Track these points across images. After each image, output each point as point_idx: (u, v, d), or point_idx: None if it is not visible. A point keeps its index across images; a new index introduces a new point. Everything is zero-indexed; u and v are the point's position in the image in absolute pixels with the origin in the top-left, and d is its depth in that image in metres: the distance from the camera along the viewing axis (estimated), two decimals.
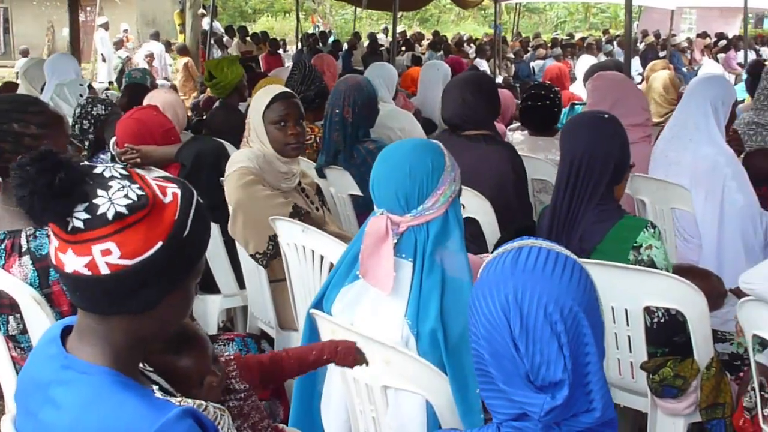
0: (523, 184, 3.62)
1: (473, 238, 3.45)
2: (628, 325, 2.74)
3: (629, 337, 2.76)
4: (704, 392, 2.68)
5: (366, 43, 17.17)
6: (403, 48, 16.69)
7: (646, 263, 2.71)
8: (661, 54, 16.94)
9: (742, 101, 7.05)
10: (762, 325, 2.41)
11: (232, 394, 1.80)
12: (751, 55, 18.29)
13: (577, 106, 5.39)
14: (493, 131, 3.72)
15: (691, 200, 3.65)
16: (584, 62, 8.63)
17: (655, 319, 2.73)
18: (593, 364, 1.41)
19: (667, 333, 2.74)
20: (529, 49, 17.60)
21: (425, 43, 19.14)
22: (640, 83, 8.40)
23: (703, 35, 21.90)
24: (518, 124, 4.76)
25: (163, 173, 3.79)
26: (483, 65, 13.59)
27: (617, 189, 2.86)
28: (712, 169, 3.59)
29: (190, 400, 1.50)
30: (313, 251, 2.89)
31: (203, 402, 1.50)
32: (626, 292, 2.70)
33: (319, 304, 2.20)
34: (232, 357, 1.93)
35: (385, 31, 21.83)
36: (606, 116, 2.90)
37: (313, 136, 4.40)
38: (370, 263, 1.99)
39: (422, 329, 1.96)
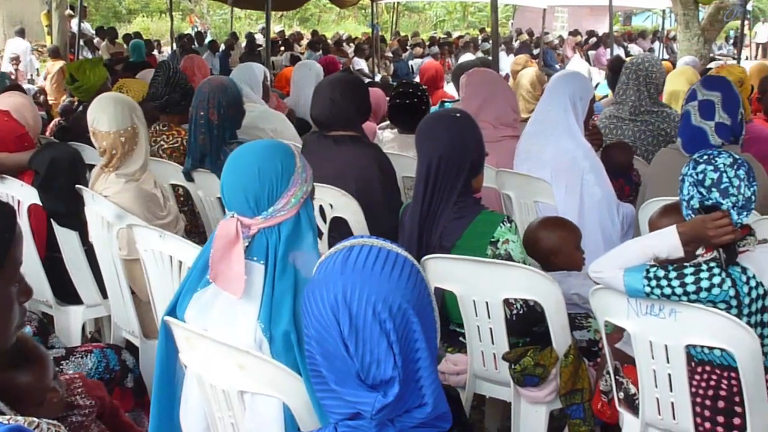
0: (390, 182, 3.65)
1: (342, 237, 3.45)
2: (489, 317, 2.80)
3: (491, 329, 2.82)
4: (563, 379, 2.76)
5: (244, 43, 16.98)
6: (282, 48, 16.60)
7: (503, 257, 2.78)
8: (535, 51, 17.44)
9: (606, 96, 7.33)
10: (613, 312, 2.50)
11: (76, 410, 1.74)
12: (620, 52, 19.10)
13: (446, 103, 5.47)
14: (361, 133, 3.73)
15: (553, 193, 3.75)
16: (462, 59, 8.76)
17: (515, 311, 2.80)
18: (424, 359, 1.42)
19: (526, 323, 2.82)
20: (408, 47, 17.81)
21: (304, 42, 19.08)
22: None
23: (575, 33, 22.67)
24: (388, 122, 4.79)
25: (16, 181, 3.63)
26: (361, 64, 13.66)
27: (475, 181, 2.92)
28: (571, 163, 3.71)
29: (20, 418, 1.44)
30: (171, 257, 2.83)
31: (35, 419, 1.44)
32: (486, 286, 2.76)
33: (173, 311, 2.15)
34: (77, 375, 1.86)
35: (263, 30, 21.65)
36: (458, 114, 2.95)
37: (180, 139, 4.32)
38: (221, 267, 1.96)
39: (275, 332, 1.94)
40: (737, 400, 2.35)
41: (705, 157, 2.41)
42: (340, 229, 3.55)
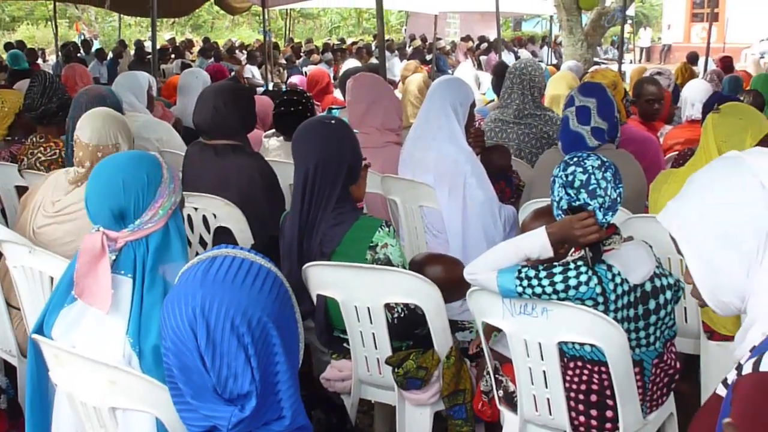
0: (273, 191, 3.63)
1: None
2: (371, 322, 2.82)
3: (373, 334, 2.84)
4: (445, 380, 2.81)
5: (133, 51, 16.61)
6: (173, 55, 16.31)
7: (382, 261, 2.81)
8: (428, 57, 17.66)
9: (493, 101, 7.48)
10: (489, 313, 2.56)
11: None
12: (511, 57, 19.54)
13: (334, 110, 5.48)
14: (244, 142, 3.70)
15: (437, 198, 3.81)
16: (348, 66, 8.79)
17: (396, 314, 2.83)
18: (283, 373, 1.42)
19: (407, 326, 2.85)
20: (302, 54, 17.76)
21: (196, 50, 18.80)
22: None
23: (466, 39, 23.08)
24: (274, 130, 4.77)
25: None
26: (254, 71, 13.54)
27: (354, 189, 2.94)
28: (453, 167, 3.76)
29: None
30: (41, 272, 2.74)
31: None
32: (367, 291, 2.78)
33: (40, 328, 2.08)
34: None
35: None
36: (332, 121, 2.97)
37: (57, 151, 4.18)
38: (86, 282, 1.91)
39: (144, 346, 1.90)
40: (609, 394, 2.44)
41: (575, 159, 2.49)
42: (224, 239, 3.52)
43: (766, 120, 3.20)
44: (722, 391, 1.57)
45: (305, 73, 15.21)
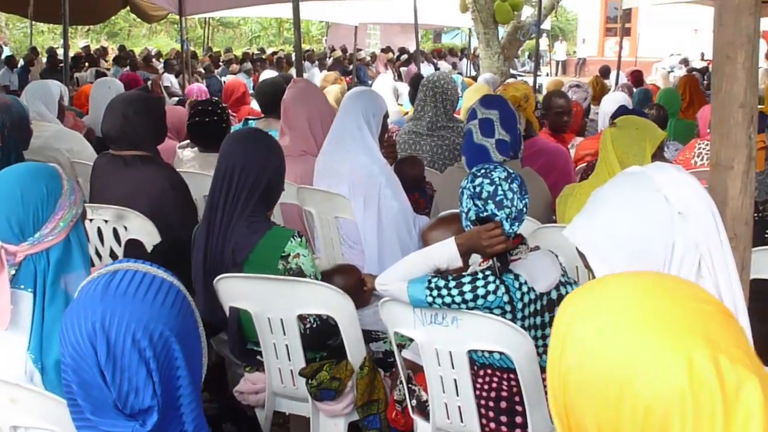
0: (185, 202, 3.59)
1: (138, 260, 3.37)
2: (285, 334, 2.82)
3: (287, 345, 2.84)
4: (359, 391, 2.82)
5: (45, 58, 16.19)
6: (87, 64, 15.96)
7: (294, 271, 2.81)
8: (349, 68, 17.72)
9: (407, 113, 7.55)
10: (401, 323, 2.58)
11: None
12: (430, 68, 19.74)
13: (251, 121, 5.45)
14: (153, 153, 3.64)
15: (352, 208, 3.82)
16: (266, 76, 8.75)
17: (308, 325, 2.83)
18: (185, 387, 1.42)
19: (320, 337, 2.86)
20: (221, 63, 17.61)
21: (111, 58, 18.45)
22: None
23: (387, 50, 23.24)
24: (188, 141, 4.71)
25: None
26: (171, 80, 13.36)
27: (268, 211, 3.01)
28: (368, 178, 3.78)
29: None
30: None
31: None
32: (280, 303, 2.78)
33: None
34: None
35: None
36: (260, 132, 3.03)
37: None
38: None
39: (47, 362, 1.86)
40: (518, 400, 2.48)
41: (482, 171, 2.54)
42: (136, 250, 3.46)
43: (659, 129, 3.33)
44: None
45: (224, 83, 15.12)
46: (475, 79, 11.11)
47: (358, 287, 3.08)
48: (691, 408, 0.86)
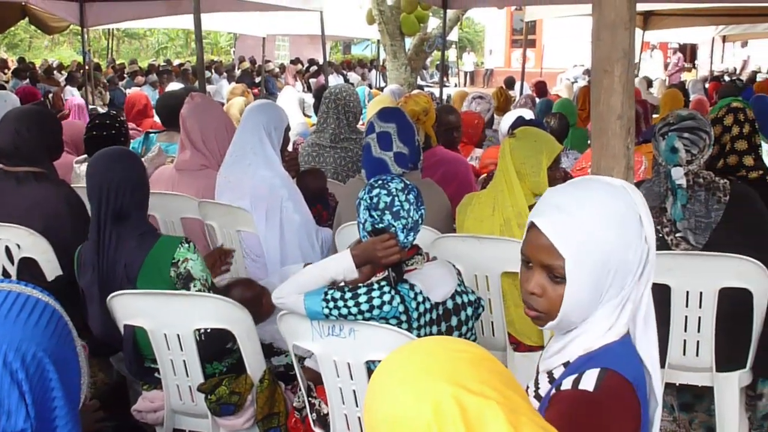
0: (81, 220, 3.50)
1: (33, 278, 3.29)
2: (182, 350, 2.79)
3: (184, 361, 2.81)
4: (259, 404, 2.81)
5: None
6: None
7: (184, 276, 2.83)
8: (257, 79, 17.62)
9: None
10: (299, 336, 2.58)
11: None
12: (339, 80, 19.78)
13: (152, 135, 5.36)
14: (48, 169, 3.55)
15: (254, 222, 3.80)
16: (171, 88, 8.66)
17: (201, 330, 2.81)
18: (61, 408, 1.39)
19: (217, 343, 2.85)
20: (125, 75, 17.28)
21: (10, 70, 17.87)
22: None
23: (296, 61, 23.22)
24: (86, 155, 4.60)
25: None
26: (74, 93, 13.03)
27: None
28: (269, 191, 3.77)
29: None
30: None
31: None
32: (176, 318, 2.76)
33: None
34: None
35: None
36: (119, 149, 3.12)
37: None
38: None
39: None
40: None
41: (379, 182, 2.57)
42: (30, 269, 3.38)
43: (556, 141, 3.42)
44: (534, 403, 1.65)
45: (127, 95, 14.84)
46: (382, 90, 11.20)
47: (258, 301, 3.07)
48: None
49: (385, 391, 1.15)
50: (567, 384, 1.58)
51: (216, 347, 2.84)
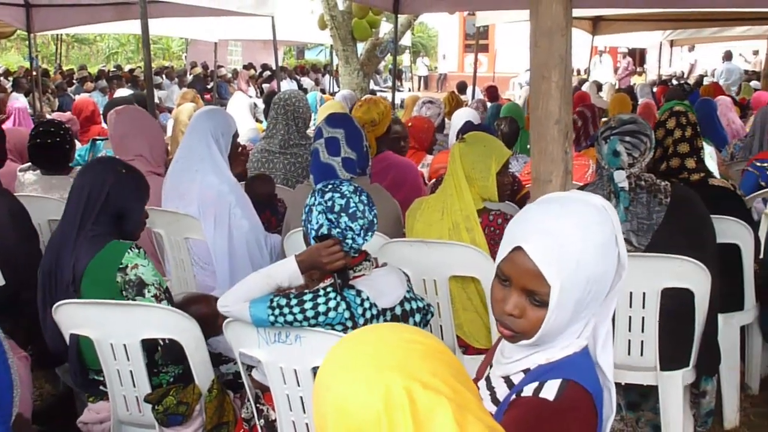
0: (24, 230, 3.47)
1: None
2: (128, 360, 2.76)
3: (131, 371, 2.78)
4: (208, 414, 2.79)
5: None
6: None
7: (134, 282, 2.81)
8: (209, 85, 17.49)
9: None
10: (245, 343, 2.57)
11: None
12: (293, 85, 19.74)
13: (99, 142, 5.30)
14: None
15: (202, 229, 3.78)
16: (120, 94, 8.56)
17: (167, 341, 2.80)
18: None
19: (171, 359, 2.83)
20: (74, 81, 17.03)
21: None
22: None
23: (249, 66, 23.09)
24: (30, 163, 4.53)
25: None
26: (21, 100, 12.80)
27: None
28: (217, 198, 3.75)
29: None
30: None
31: None
32: (123, 328, 2.73)
33: None
34: None
35: None
36: (112, 159, 3.22)
37: None
38: None
39: None
40: None
41: (329, 186, 2.56)
42: None
43: (505, 147, 3.45)
44: (491, 408, 1.66)
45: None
46: (335, 95, 11.19)
47: (215, 317, 3.03)
48: (387, 427, 1.09)
49: (335, 380, 1.14)
50: (528, 391, 1.58)
51: (179, 351, 2.82)
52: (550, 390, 1.55)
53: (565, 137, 1.96)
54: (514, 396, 1.61)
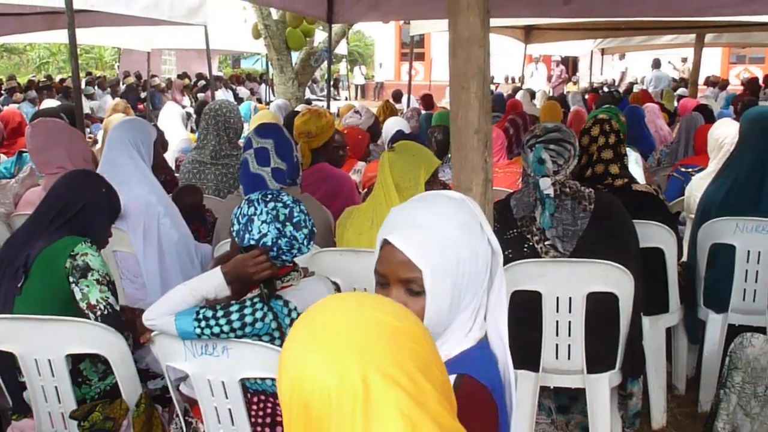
0: None
1: None
2: (53, 375, 2.72)
3: (56, 387, 2.74)
4: (136, 429, 2.76)
5: None
6: None
7: (81, 267, 2.84)
8: (143, 95, 17.25)
9: None
10: (172, 356, 2.54)
11: None
12: (229, 95, 19.61)
13: (25, 154, 5.18)
14: None
15: (131, 241, 3.73)
16: (47, 105, 8.38)
17: (98, 313, 2.81)
18: None
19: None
20: (3, 92, 16.63)
21: None
22: None
23: (183, 76, 22.84)
24: None
25: None
26: None
27: None
28: (145, 209, 3.71)
29: None
30: None
31: None
32: (47, 342, 2.68)
33: None
34: None
35: None
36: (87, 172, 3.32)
37: None
38: None
39: None
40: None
41: (270, 196, 2.55)
42: None
43: (434, 156, 3.49)
44: None
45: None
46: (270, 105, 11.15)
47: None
48: (336, 412, 1.07)
49: (298, 348, 1.12)
50: None
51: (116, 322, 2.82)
52: None
53: (484, 146, 1.99)
54: None
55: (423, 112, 9.75)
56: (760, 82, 17.93)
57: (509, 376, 1.72)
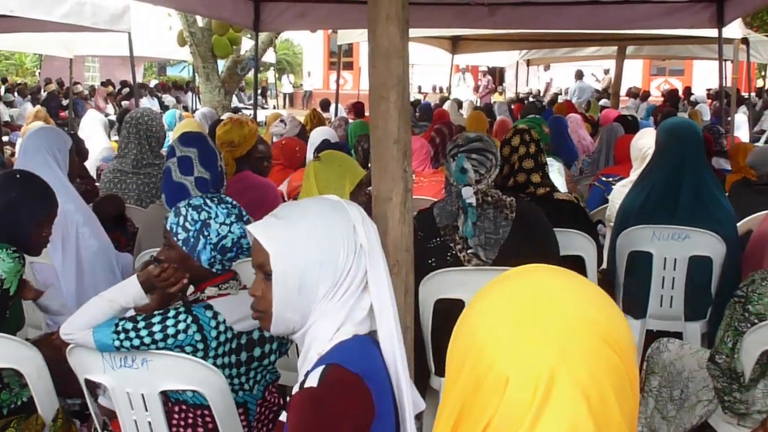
0: None
1: None
2: None
3: None
4: None
5: None
6: None
7: None
8: (65, 102, 16.88)
9: None
10: (90, 369, 2.49)
11: None
12: (154, 102, 19.34)
13: None
14: None
15: (48, 252, 3.63)
16: None
17: None
18: None
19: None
20: None
21: None
22: None
23: (107, 83, 22.43)
24: None
25: None
26: None
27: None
28: (63, 218, 3.61)
29: None
30: None
31: None
32: None
33: None
34: None
35: None
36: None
37: None
38: None
39: None
40: None
41: (216, 198, 2.52)
42: None
43: (360, 167, 3.50)
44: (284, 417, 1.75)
45: None
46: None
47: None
48: (510, 395, 0.98)
49: (492, 320, 1.03)
50: (296, 388, 1.72)
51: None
52: (314, 378, 1.68)
53: (404, 156, 2.02)
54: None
55: (351, 121, 9.77)
56: (680, 93, 18.51)
57: (400, 369, 1.80)
